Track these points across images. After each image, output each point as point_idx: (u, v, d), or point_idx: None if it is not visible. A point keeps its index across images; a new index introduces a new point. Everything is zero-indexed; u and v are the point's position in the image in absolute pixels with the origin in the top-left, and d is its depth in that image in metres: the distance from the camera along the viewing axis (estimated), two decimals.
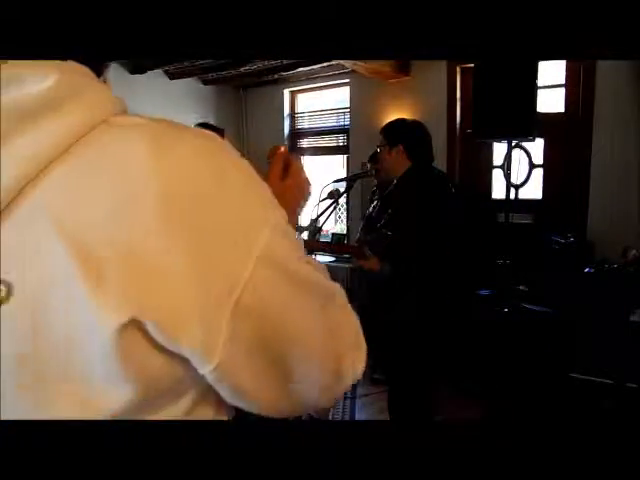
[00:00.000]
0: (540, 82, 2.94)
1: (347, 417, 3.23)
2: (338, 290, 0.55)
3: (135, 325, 0.38)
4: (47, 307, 0.38)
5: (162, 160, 0.40)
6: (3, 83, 0.38)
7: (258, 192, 0.47)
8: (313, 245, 2.55)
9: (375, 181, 3.97)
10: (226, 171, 0.45)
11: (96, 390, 0.39)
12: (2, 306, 0.36)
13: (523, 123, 2.86)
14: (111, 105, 0.43)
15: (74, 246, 0.37)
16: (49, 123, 0.39)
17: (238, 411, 0.46)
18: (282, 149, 0.76)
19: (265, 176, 0.72)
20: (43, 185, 0.38)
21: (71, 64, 0.41)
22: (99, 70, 0.46)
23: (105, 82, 0.47)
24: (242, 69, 4.87)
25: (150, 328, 0.38)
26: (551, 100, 3.70)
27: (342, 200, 4.42)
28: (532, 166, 3.82)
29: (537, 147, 3.76)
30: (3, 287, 0.36)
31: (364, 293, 4.44)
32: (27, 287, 0.37)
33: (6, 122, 0.37)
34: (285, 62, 4.63)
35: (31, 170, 0.38)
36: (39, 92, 0.38)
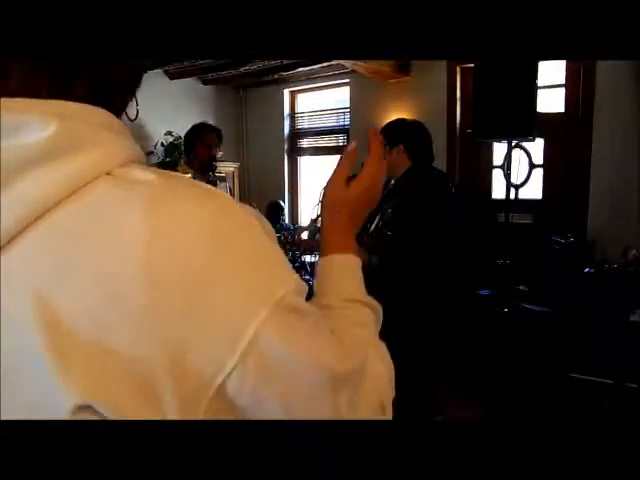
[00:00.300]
0: (540, 82, 2.95)
1: None
2: (370, 360, 0.50)
3: (88, 409, 0.37)
4: (11, 371, 0.37)
5: (155, 233, 0.38)
6: (3, 129, 0.37)
7: (258, 268, 0.42)
8: (310, 244, 2.55)
9: None
10: (224, 246, 0.41)
11: None
12: None
13: (523, 123, 2.86)
14: (117, 155, 0.41)
15: (45, 313, 0.37)
16: (45, 174, 0.38)
17: None
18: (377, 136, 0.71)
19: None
20: (26, 241, 0.38)
21: (82, 109, 0.41)
22: (123, 102, 0.45)
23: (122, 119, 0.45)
24: (242, 69, 4.87)
25: (102, 411, 0.37)
26: (551, 100, 3.70)
27: None
28: (532, 166, 3.82)
29: (537, 147, 3.76)
30: None
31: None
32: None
33: (4, 170, 0.37)
34: (285, 62, 4.63)
35: (23, 220, 0.37)
36: (38, 142, 0.38)
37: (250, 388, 0.39)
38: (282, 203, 5.04)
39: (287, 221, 5.43)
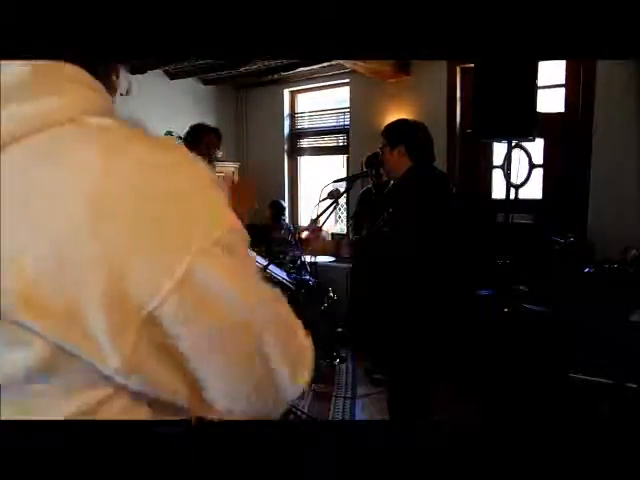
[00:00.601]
0: (540, 82, 2.94)
1: (347, 417, 3.23)
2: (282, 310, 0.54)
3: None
4: None
5: (107, 171, 0.42)
6: None
7: (200, 209, 0.47)
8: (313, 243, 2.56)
9: (368, 183, 3.99)
10: (167, 178, 0.45)
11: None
12: None
13: (523, 123, 2.86)
14: (83, 104, 0.45)
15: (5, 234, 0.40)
16: (18, 109, 0.41)
17: None
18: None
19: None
20: None
21: (54, 63, 0.44)
22: (106, 70, 0.48)
23: (114, 80, 0.50)
24: (242, 69, 4.87)
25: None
26: (551, 100, 3.70)
27: (342, 200, 4.42)
28: (532, 166, 3.82)
29: (537, 147, 3.76)
30: None
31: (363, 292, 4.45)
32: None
33: None
34: (285, 62, 4.63)
35: None
36: (15, 76, 0.41)
37: (183, 315, 0.43)
38: (283, 202, 5.05)
39: (287, 221, 5.43)
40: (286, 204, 5.58)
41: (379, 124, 4.74)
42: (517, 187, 3.69)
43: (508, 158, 3.14)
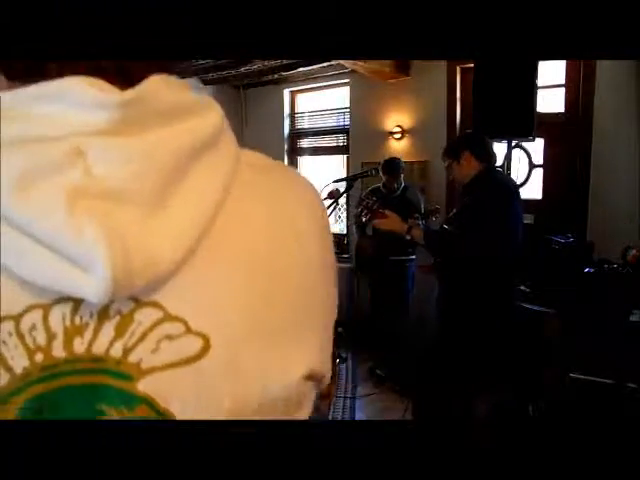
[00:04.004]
0: (540, 82, 2.94)
1: (347, 417, 3.23)
2: None
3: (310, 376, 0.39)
4: (240, 360, 0.35)
5: (312, 210, 0.43)
6: (177, 112, 0.35)
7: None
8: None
9: (374, 182, 3.97)
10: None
11: None
12: (198, 362, 0.33)
13: (523, 123, 2.86)
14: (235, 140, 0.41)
15: (249, 305, 0.35)
16: (222, 152, 0.37)
17: None
18: None
19: None
20: (224, 218, 0.35)
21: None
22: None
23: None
24: (242, 69, 4.87)
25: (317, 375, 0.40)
26: (551, 100, 3.70)
27: (342, 200, 4.42)
28: (532, 166, 3.82)
29: (537, 147, 3.76)
30: (200, 340, 0.33)
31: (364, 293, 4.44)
32: (222, 339, 0.34)
33: (195, 149, 0.34)
34: (285, 62, 4.63)
35: (218, 199, 0.35)
36: (214, 125, 0.37)
37: None
38: None
39: None
40: None
41: (379, 124, 4.75)
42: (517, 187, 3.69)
43: (508, 158, 3.14)
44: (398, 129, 4.56)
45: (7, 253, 0.30)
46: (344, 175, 5.04)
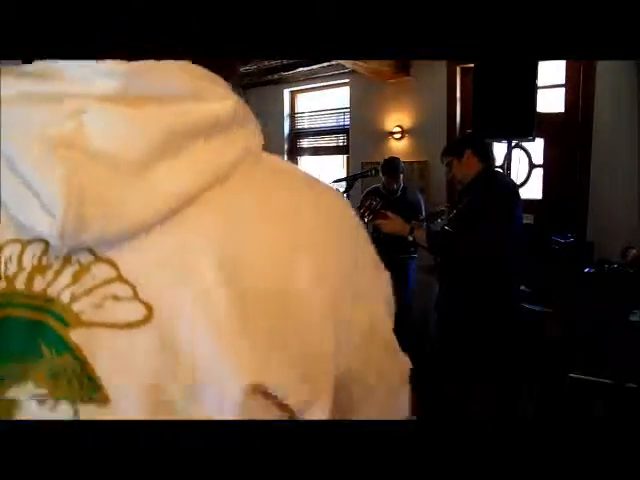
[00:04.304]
0: (540, 82, 2.94)
1: None
2: None
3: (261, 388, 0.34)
4: (178, 341, 0.33)
5: (327, 216, 0.40)
6: (193, 93, 0.36)
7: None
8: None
9: (373, 182, 3.97)
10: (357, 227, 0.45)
11: None
12: (137, 329, 0.33)
13: (523, 123, 2.86)
14: (259, 138, 0.42)
15: (230, 281, 0.34)
16: (229, 140, 0.37)
17: None
18: None
19: None
20: (205, 206, 0.35)
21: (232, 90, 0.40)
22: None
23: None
24: (242, 69, 4.87)
25: (274, 392, 0.35)
26: (551, 100, 3.70)
27: None
28: (532, 166, 3.82)
29: (537, 147, 3.76)
30: (143, 309, 0.33)
31: None
32: (166, 315, 0.34)
33: (189, 132, 0.35)
34: (285, 62, 4.63)
35: (202, 184, 0.35)
36: (219, 113, 0.37)
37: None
38: None
39: None
40: None
41: (379, 124, 4.75)
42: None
43: (508, 158, 3.14)
44: (398, 129, 4.56)
45: (6, 190, 0.34)
46: (344, 175, 5.04)
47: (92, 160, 0.33)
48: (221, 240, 0.35)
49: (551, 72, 3.60)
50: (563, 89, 3.69)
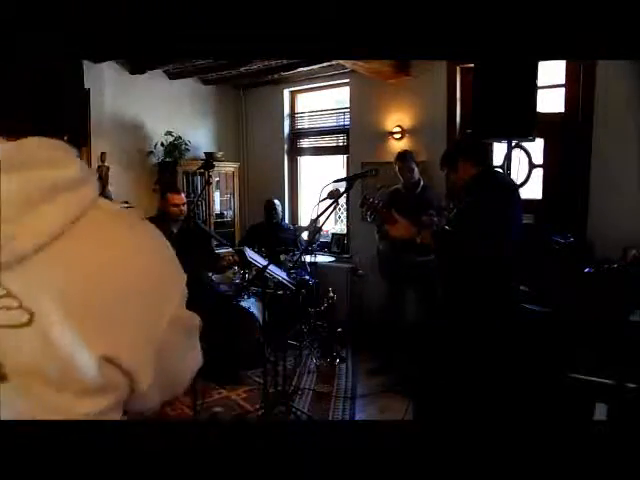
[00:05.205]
0: (540, 82, 2.94)
1: (347, 417, 3.23)
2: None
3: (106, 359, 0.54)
4: (53, 333, 0.52)
5: (136, 241, 0.60)
6: (36, 161, 0.52)
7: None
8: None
9: (396, 183, 3.95)
10: (162, 254, 0.63)
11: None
12: (24, 328, 0.51)
13: (523, 123, 2.86)
14: (97, 190, 0.57)
15: (64, 300, 0.52)
16: (73, 198, 0.53)
17: None
18: None
19: None
20: (52, 251, 0.51)
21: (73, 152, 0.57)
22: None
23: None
24: (242, 69, 4.87)
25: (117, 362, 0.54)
26: (551, 100, 3.70)
27: (342, 200, 4.42)
28: (532, 166, 3.82)
29: (537, 147, 3.76)
30: (27, 315, 0.51)
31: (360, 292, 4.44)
32: (42, 318, 0.51)
33: (39, 192, 0.51)
34: (285, 62, 4.63)
35: (52, 234, 0.51)
36: (68, 173, 0.53)
37: (167, 344, 0.63)
38: (276, 201, 4.98)
39: (287, 220, 5.42)
40: (286, 204, 5.58)
41: (379, 124, 4.75)
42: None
43: (508, 158, 3.14)
44: (398, 129, 4.56)
45: None
46: (344, 175, 5.04)
47: None
48: (71, 266, 0.53)
49: (551, 72, 3.60)
50: (563, 89, 3.69)
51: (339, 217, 5.57)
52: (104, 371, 0.53)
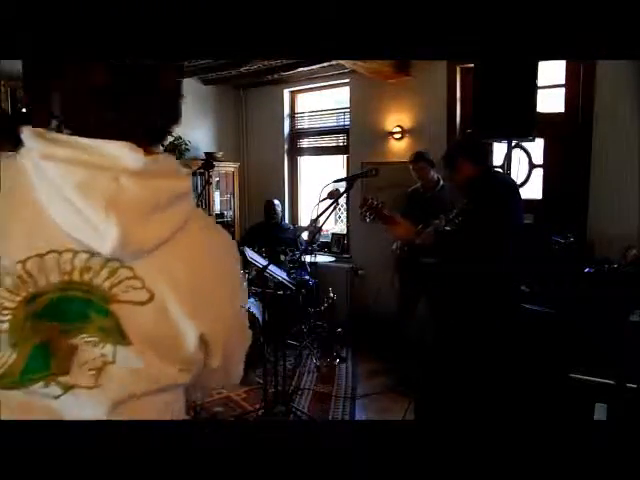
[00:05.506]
0: (540, 82, 2.94)
1: (347, 417, 3.23)
2: None
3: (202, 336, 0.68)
4: (169, 311, 0.64)
5: (223, 242, 0.74)
6: (163, 171, 0.64)
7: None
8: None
9: (414, 183, 3.94)
10: (237, 255, 0.78)
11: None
12: (146, 305, 0.62)
13: (523, 123, 2.86)
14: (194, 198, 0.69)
15: (176, 285, 0.65)
16: (183, 205, 0.66)
17: None
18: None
19: None
20: (168, 245, 0.64)
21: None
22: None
23: None
24: (242, 69, 4.87)
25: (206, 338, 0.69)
26: (551, 100, 3.70)
27: (342, 200, 4.42)
28: (532, 166, 3.82)
29: (537, 147, 3.76)
30: (147, 294, 0.62)
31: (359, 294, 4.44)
32: (159, 298, 0.63)
33: (166, 198, 0.63)
34: (285, 62, 4.63)
35: (173, 231, 0.64)
36: (186, 185, 0.66)
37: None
38: (276, 201, 4.98)
39: (287, 220, 5.42)
40: (286, 204, 5.58)
41: (379, 124, 4.75)
42: None
43: (508, 158, 3.14)
44: (398, 129, 4.56)
45: (68, 221, 0.60)
46: (344, 175, 5.04)
47: (127, 210, 0.60)
48: (181, 261, 0.66)
49: (551, 72, 3.60)
50: (563, 89, 3.69)
51: (339, 217, 5.57)
52: (198, 348, 0.66)
